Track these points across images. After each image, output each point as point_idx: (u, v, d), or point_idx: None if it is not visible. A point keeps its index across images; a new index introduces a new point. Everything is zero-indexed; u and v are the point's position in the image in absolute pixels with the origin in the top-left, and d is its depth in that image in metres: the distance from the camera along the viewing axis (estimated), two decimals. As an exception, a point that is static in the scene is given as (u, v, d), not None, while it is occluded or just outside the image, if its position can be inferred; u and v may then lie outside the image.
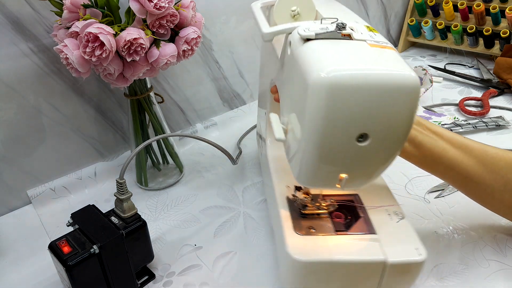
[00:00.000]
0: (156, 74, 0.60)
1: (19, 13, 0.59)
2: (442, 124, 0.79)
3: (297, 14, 0.44)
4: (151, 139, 0.54)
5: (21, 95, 0.63)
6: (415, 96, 0.35)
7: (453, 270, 0.52)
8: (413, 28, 1.14)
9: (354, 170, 0.39)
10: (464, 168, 0.48)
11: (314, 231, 0.48)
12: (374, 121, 0.35)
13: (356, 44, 0.37)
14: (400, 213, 0.49)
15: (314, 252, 0.44)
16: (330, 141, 0.36)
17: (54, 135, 0.68)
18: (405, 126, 0.36)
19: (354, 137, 0.36)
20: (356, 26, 0.40)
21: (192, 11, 0.58)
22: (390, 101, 0.34)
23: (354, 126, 0.35)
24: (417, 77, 0.34)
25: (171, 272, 0.55)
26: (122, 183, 0.50)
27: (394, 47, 0.38)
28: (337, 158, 0.38)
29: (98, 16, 0.54)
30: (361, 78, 0.34)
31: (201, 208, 0.66)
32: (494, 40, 1.01)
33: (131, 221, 0.50)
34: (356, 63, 0.35)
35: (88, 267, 0.46)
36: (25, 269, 0.57)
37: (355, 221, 0.49)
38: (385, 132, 0.36)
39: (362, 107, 0.34)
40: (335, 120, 0.35)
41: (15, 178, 0.66)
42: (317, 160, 0.38)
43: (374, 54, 0.36)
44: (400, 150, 0.39)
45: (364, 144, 0.36)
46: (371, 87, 0.34)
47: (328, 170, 0.39)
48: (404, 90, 0.34)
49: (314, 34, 0.38)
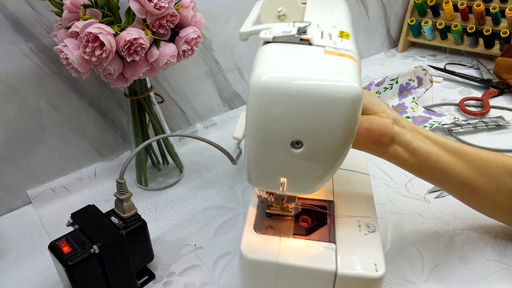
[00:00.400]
0: (156, 74, 0.60)
1: (19, 13, 0.59)
2: (442, 124, 0.79)
3: (283, 15, 0.44)
4: (151, 139, 0.54)
5: (21, 95, 0.63)
6: (353, 108, 0.35)
7: (453, 270, 0.52)
8: (413, 28, 1.14)
9: (293, 176, 0.39)
10: (458, 174, 0.48)
11: (272, 231, 0.48)
12: (308, 129, 0.35)
13: (310, 50, 0.37)
14: (373, 226, 0.48)
15: (263, 251, 0.44)
16: (265, 145, 0.37)
17: (54, 135, 0.68)
18: (342, 136, 0.36)
19: (288, 143, 0.36)
20: (328, 30, 0.40)
21: (192, 11, 0.58)
22: (324, 111, 0.34)
23: (288, 132, 0.36)
24: (359, 89, 0.34)
25: (171, 272, 0.55)
26: (122, 183, 0.50)
27: (354, 56, 0.37)
28: (273, 162, 0.38)
29: (98, 16, 0.54)
30: (296, 85, 0.34)
31: (201, 208, 0.66)
32: (494, 40, 1.01)
33: (131, 221, 0.50)
34: (297, 69, 0.35)
35: (88, 267, 0.46)
36: (25, 269, 0.57)
37: (319, 227, 0.48)
38: (321, 141, 0.36)
39: (295, 114, 0.35)
40: (270, 124, 0.36)
41: (15, 178, 0.66)
42: (256, 162, 0.39)
43: (322, 62, 0.36)
44: (340, 159, 0.38)
45: (299, 151, 0.36)
46: (305, 96, 0.34)
47: (267, 173, 0.40)
48: (340, 101, 0.34)
49: (272, 37, 0.38)
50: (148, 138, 0.67)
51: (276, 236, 0.47)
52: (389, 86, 0.89)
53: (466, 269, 0.52)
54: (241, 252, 0.44)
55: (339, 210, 0.50)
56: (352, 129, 0.36)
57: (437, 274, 0.52)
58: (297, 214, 0.50)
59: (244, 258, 0.44)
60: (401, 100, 0.87)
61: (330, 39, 0.39)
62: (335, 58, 0.37)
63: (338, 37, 0.40)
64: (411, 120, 0.82)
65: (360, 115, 0.37)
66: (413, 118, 0.83)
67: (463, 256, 0.54)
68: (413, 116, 0.83)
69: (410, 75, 0.88)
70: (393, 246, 0.56)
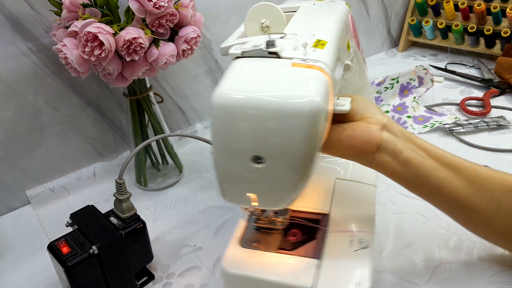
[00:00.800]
0: (156, 73, 0.60)
1: (18, 13, 0.59)
2: (443, 124, 0.79)
3: (266, 27, 0.43)
4: (151, 139, 0.54)
5: (20, 95, 0.63)
6: (313, 122, 0.34)
7: (453, 271, 0.52)
8: (413, 28, 1.14)
9: (260, 191, 0.38)
10: (452, 189, 0.44)
11: (256, 245, 0.48)
12: (268, 144, 0.35)
13: (277, 63, 0.37)
14: (366, 242, 0.46)
15: (243, 265, 0.45)
16: (229, 160, 0.37)
17: (53, 135, 0.68)
18: (303, 151, 0.35)
19: (248, 158, 0.36)
20: (305, 40, 0.40)
21: (191, 10, 0.58)
22: (283, 127, 0.33)
23: (248, 147, 0.35)
24: (318, 102, 0.33)
25: (170, 273, 0.54)
26: (121, 183, 0.49)
27: (324, 67, 0.37)
28: (240, 177, 0.38)
29: (97, 15, 0.54)
30: (253, 101, 0.33)
31: (200, 209, 0.65)
32: (495, 40, 1.01)
33: (131, 221, 0.50)
34: (257, 85, 0.35)
35: (87, 268, 0.46)
36: (24, 270, 0.57)
37: (306, 242, 0.47)
38: (281, 156, 0.35)
39: (254, 129, 0.34)
40: (230, 140, 0.35)
41: (14, 178, 0.66)
42: (224, 178, 0.38)
43: (286, 76, 0.36)
44: (306, 173, 0.37)
45: (261, 166, 0.36)
46: (262, 111, 0.33)
47: (237, 188, 0.39)
48: (298, 116, 0.33)
49: (241, 52, 0.38)
50: (148, 138, 0.66)
51: (260, 251, 0.47)
52: (389, 85, 0.88)
53: (467, 270, 0.52)
54: (222, 265, 0.45)
55: (333, 223, 0.50)
56: (314, 144, 0.35)
57: (438, 275, 0.51)
58: (288, 227, 0.49)
59: (224, 271, 0.45)
60: (402, 100, 0.86)
61: (304, 49, 0.38)
62: (300, 71, 0.36)
63: (313, 46, 0.39)
64: (412, 119, 0.82)
65: (323, 128, 0.36)
66: (414, 118, 0.82)
67: (465, 257, 0.53)
68: (414, 115, 0.83)
69: (411, 75, 0.87)
70: (394, 246, 0.56)
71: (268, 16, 0.43)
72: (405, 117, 0.83)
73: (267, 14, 0.43)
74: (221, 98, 0.35)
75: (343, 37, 0.46)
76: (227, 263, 0.46)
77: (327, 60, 0.37)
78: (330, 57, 0.39)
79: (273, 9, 0.43)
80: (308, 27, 0.44)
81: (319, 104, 0.33)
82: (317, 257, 0.45)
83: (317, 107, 0.33)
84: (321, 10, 0.51)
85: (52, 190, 0.69)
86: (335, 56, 0.40)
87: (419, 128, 0.80)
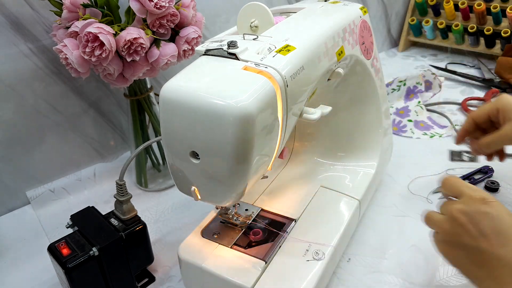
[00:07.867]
0: (156, 74, 0.60)
1: (18, 13, 0.59)
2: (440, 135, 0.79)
3: (255, 26, 0.44)
4: (151, 140, 0.54)
5: (20, 95, 0.62)
6: (241, 128, 0.34)
7: (454, 271, 0.52)
8: (414, 28, 1.14)
9: (200, 186, 0.40)
10: None
11: (215, 237, 0.49)
12: (201, 142, 0.36)
13: (230, 65, 0.38)
14: (322, 254, 0.47)
15: (194, 254, 0.47)
16: (172, 153, 0.38)
17: (54, 136, 0.68)
18: (233, 155, 0.36)
19: (187, 152, 0.37)
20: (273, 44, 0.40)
21: (192, 10, 0.58)
22: (213, 128, 0.35)
23: (185, 142, 0.37)
24: (249, 109, 0.34)
25: (171, 275, 0.54)
26: (122, 185, 0.49)
27: (274, 74, 0.37)
28: (183, 170, 0.39)
29: (98, 15, 0.53)
30: (189, 99, 0.35)
31: (201, 210, 0.65)
32: (495, 40, 1.01)
33: (131, 223, 0.50)
34: (198, 83, 0.36)
35: (88, 270, 0.46)
36: (24, 271, 0.57)
37: (263, 243, 0.48)
38: (213, 156, 0.36)
39: (189, 126, 0.36)
40: (171, 133, 0.37)
41: (14, 178, 0.66)
42: (171, 169, 0.40)
43: (230, 78, 0.37)
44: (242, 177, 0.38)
45: (197, 162, 0.37)
46: (196, 110, 0.35)
47: (183, 180, 0.40)
48: (226, 120, 0.34)
49: (204, 50, 0.40)
50: (148, 139, 0.66)
51: (215, 243, 0.48)
52: (397, 87, 0.88)
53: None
54: (178, 250, 0.48)
55: (295, 230, 0.50)
56: (244, 149, 0.36)
57: (438, 276, 0.51)
58: (254, 225, 0.50)
59: (179, 256, 0.47)
60: (406, 103, 0.86)
61: (269, 53, 0.39)
62: (248, 75, 0.37)
63: (276, 51, 0.39)
64: (413, 123, 0.82)
65: (260, 134, 0.36)
66: (415, 122, 0.82)
67: (466, 258, 0.53)
68: (416, 120, 0.83)
69: (418, 78, 0.87)
70: (396, 247, 0.56)
71: (257, 16, 0.44)
72: (405, 120, 0.83)
73: (256, 14, 0.44)
74: (164, 91, 0.36)
75: (333, 43, 0.46)
76: (182, 248, 0.48)
77: (283, 67, 0.38)
78: (291, 63, 0.39)
79: (261, 9, 0.44)
80: (290, 30, 0.44)
81: (247, 110, 0.34)
82: (265, 260, 0.46)
83: (244, 113, 0.34)
84: (321, 13, 0.50)
85: (52, 191, 0.69)
86: (300, 62, 0.40)
87: (419, 134, 0.79)
